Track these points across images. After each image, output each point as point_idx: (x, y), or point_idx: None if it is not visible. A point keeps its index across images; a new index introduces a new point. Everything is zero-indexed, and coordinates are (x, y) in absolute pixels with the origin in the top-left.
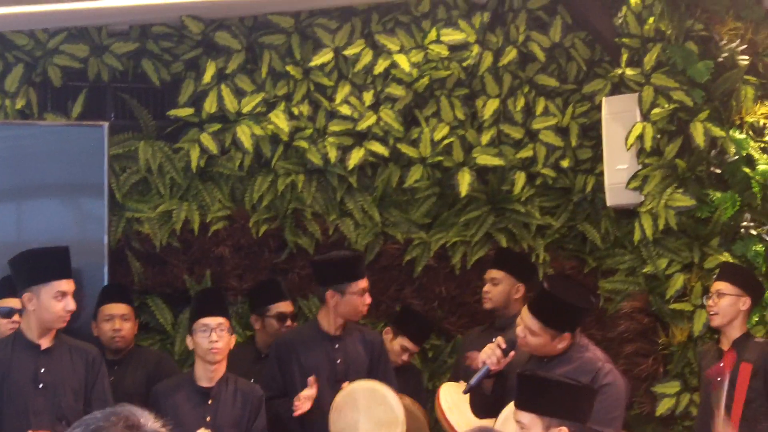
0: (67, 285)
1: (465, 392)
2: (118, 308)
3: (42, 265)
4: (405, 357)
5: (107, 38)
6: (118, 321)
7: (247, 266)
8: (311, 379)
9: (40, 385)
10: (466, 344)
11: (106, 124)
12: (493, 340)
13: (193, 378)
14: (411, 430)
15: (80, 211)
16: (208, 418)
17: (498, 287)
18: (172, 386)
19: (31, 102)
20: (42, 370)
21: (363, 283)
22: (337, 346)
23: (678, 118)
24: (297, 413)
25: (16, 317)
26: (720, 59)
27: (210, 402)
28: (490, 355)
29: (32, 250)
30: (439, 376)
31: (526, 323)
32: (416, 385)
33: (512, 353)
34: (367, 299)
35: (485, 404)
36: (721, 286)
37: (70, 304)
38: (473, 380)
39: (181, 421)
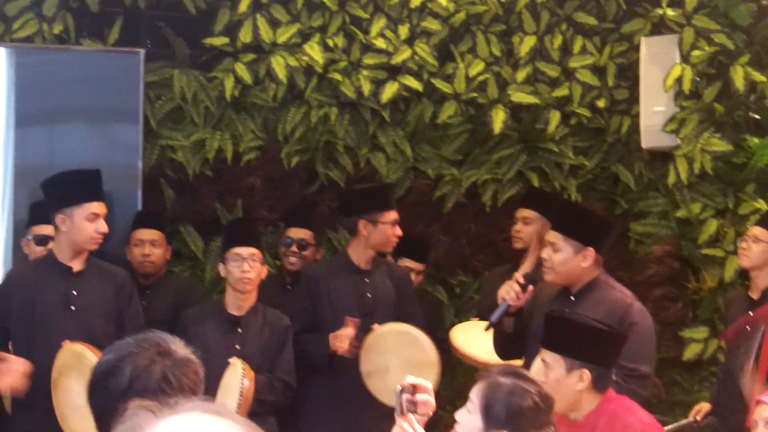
0: (99, 207)
1: (486, 329)
2: (149, 234)
3: (75, 186)
4: (413, 277)
5: None
6: (147, 246)
7: (277, 197)
8: (348, 319)
9: (72, 308)
10: (491, 282)
11: (142, 52)
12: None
13: (223, 306)
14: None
15: (115, 137)
16: (237, 347)
17: (529, 227)
18: (202, 313)
19: (68, 27)
20: (74, 293)
21: (394, 214)
22: (367, 280)
23: (718, 61)
24: (339, 352)
25: (51, 244)
26: (763, 2)
27: (239, 330)
28: (508, 291)
29: (64, 173)
30: (465, 313)
31: (548, 239)
32: (438, 318)
33: (531, 288)
34: (398, 231)
35: (507, 343)
36: (757, 231)
37: (102, 225)
38: (493, 317)
39: (210, 348)
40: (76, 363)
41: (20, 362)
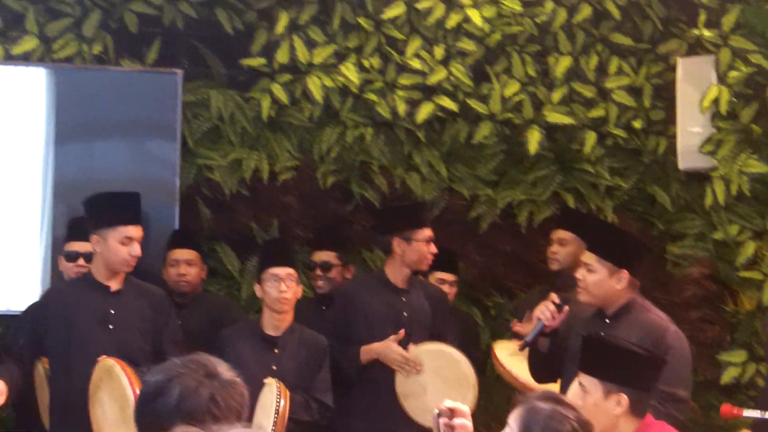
0: (134, 231)
1: (520, 349)
2: (184, 253)
3: (111, 209)
4: (448, 290)
5: None
6: (183, 266)
7: (313, 217)
8: (402, 332)
9: (110, 326)
10: (526, 303)
11: (180, 72)
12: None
13: (259, 326)
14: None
15: (153, 156)
16: (274, 367)
17: (565, 248)
18: (239, 333)
19: (107, 47)
20: (111, 311)
21: (428, 231)
22: (403, 298)
23: (755, 81)
24: (394, 366)
25: (81, 261)
26: None
27: (276, 351)
28: (543, 311)
29: (103, 194)
30: (500, 334)
31: (583, 260)
32: (472, 337)
33: (566, 308)
34: (433, 249)
35: (542, 364)
36: None
37: (136, 249)
38: (528, 336)
39: (247, 368)
40: (107, 377)
41: None
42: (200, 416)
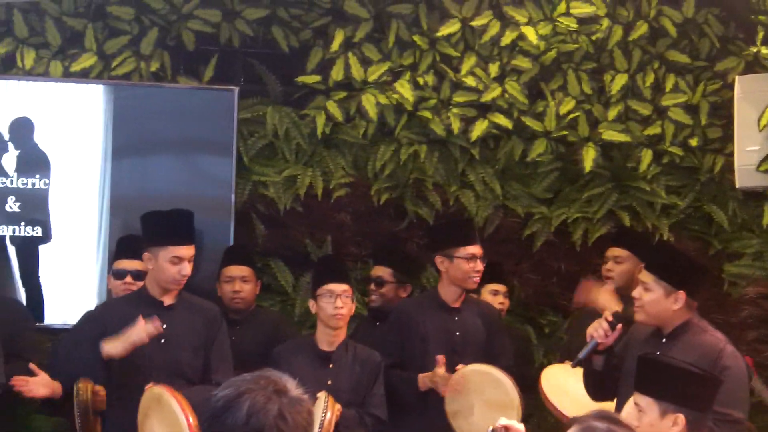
0: (185, 251)
1: (573, 366)
2: (239, 270)
3: (163, 228)
4: (502, 300)
5: (239, 4)
6: (238, 283)
7: (366, 234)
8: (438, 358)
9: (162, 341)
10: (581, 321)
11: (236, 89)
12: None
13: (314, 341)
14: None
15: (208, 172)
16: (329, 382)
17: (621, 266)
18: (294, 348)
19: (164, 65)
20: (164, 326)
21: (472, 249)
22: (456, 318)
23: None
24: (441, 393)
25: (128, 279)
26: None
27: (331, 366)
28: (596, 329)
29: (156, 212)
30: (553, 353)
31: (641, 278)
32: (527, 355)
33: (619, 326)
34: (478, 266)
35: (598, 382)
36: None
37: (185, 269)
38: (581, 354)
39: (302, 384)
40: (156, 405)
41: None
42: None
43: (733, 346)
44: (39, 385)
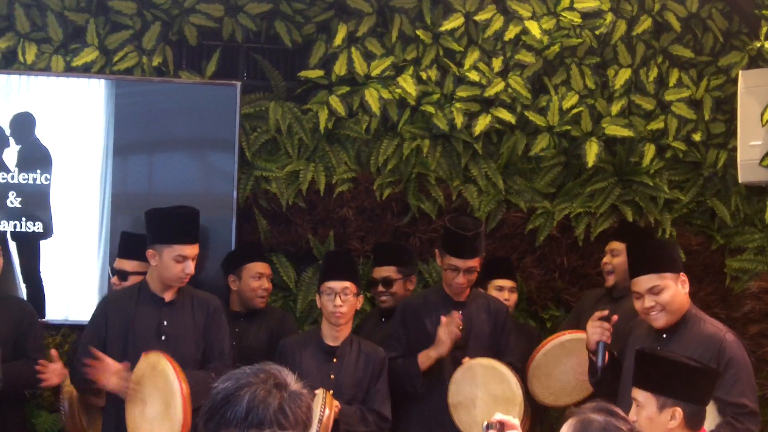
0: (189, 250)
1: (595, 381)
2: (266, 267)
3: (168, 226)
4: (507, 296)
5: None
6: (266, 280)
7: (369, 229)
8: (454, 313)
9: (163, 337)
10: (582, 306)
11: (239, 84)
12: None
13: (320, 335)
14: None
15: (211, 167)
16: (332, 376)
17: (617, 258)
18: (300, 342)
19: (167, 60)
20: (165, 323)
21: (456, 261)
22: (461, 312)
23: None
24: (451, 338)
25: (130, 279)
26: None
27: (335, 360)
28: (596, 332)
29: (162, 209)
30: None
31: (650, 285)
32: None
33: (615, 317)
34: (460, 278)
35: (600, 375)
36: None
37: (189, 267)
38: (599, 362)
39: (306, 377)
40: (150, 371)
41: (115, 363)
42: (268, 426)
43: (733, 333)
44: (55, 373)
